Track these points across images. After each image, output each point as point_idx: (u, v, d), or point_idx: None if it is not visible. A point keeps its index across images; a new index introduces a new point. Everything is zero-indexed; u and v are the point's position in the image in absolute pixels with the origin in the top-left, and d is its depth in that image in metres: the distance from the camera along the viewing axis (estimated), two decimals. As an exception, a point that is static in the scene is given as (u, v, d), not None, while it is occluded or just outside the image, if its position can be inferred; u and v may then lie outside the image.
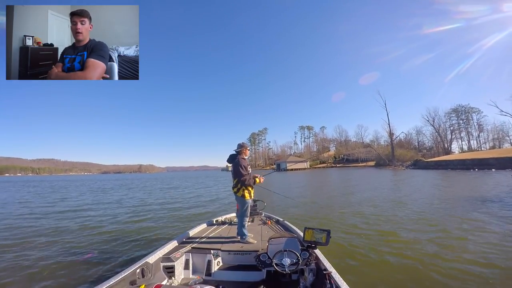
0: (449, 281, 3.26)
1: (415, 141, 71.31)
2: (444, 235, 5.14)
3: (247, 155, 3.82)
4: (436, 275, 3.42)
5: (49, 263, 4.32)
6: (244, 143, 3.83)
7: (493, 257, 3.88)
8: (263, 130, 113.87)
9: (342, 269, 3.21)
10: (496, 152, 34.60)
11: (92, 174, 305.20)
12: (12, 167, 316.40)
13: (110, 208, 10.74)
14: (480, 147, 60.95)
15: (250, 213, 4.88)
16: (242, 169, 3.52)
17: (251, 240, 3.42)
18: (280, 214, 5.67)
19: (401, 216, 6.97)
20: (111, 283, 2.04)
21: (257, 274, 2.79)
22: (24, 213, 9.99)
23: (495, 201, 8.40)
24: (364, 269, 3.72)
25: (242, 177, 3.50)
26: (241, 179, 3.51)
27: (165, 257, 2.85)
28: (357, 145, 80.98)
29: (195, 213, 8.92)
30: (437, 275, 3.42)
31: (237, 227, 3.60)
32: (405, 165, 44.53)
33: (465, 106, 63.66)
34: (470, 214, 6.79)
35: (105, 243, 5.43)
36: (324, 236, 2.63)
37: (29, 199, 15.48)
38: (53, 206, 11.98)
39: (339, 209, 8.42)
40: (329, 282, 2.14)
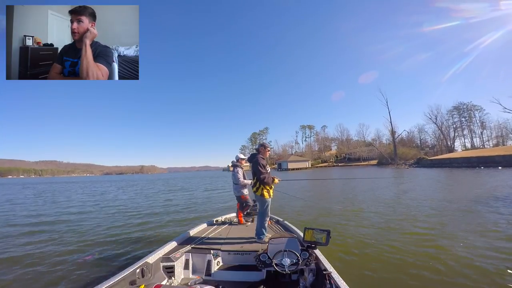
0: (449, 281, 3.23)
1: (417, 139, 70.97)
2: (452, 237, 4.97)
3: (266, 155, 3.82)
4: (437, 275, 3.39)
5: (49, 264, 4.34)
6: (264, 142, 3.88)
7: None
8: (264, 130, 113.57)
9: (342, 269, 3.19)
10: (502, 150, 33.95)
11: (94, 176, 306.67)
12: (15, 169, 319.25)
13: (110, 209, 10.78)
14: (483, 145, 60.37)
15: (250, 213, 4.89)
16: (261, 168, 3.51)
17: (267, 240, 3.36)
18: (281, 214, 5.65)
19: (409, 215, 6.91)
20: (111, 283, 2.03)
21: (257, 274, 2.78)
22: (24, 213, 10.07)
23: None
24: (364, 269, 3.69)
25: (260, 175, 3.48)
26: (260, 177, 3.49)
27: (165, 257, 2.85)
28: (359, 144, 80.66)
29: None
30: (437, 275, 3.39)
31: (256, 226, 3.60)
32: (408, 163, 44.21)
33: (467, 103, 63.22)
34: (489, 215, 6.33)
35: (105, 244, 5.44)
36: (324, 236, 2.62)
37: (29, 199, 15.59)
38: (53, 207, 12.05)
39: (340, 208, 8.38)
40: (329, 283, 2.12)
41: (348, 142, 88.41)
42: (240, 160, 4.88)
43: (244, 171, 4.89)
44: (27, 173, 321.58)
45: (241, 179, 4.64)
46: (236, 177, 4.68)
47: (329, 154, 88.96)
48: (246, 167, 4.97)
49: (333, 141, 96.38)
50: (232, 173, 4.80)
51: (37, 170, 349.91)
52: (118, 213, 9.63)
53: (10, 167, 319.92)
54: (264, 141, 3.79)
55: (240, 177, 4.67)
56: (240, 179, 4.64)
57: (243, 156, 4.89)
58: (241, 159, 4.89)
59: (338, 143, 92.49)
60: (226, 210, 8.37)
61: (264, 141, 3.79)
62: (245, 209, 4.77)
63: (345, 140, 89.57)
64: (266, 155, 3.80)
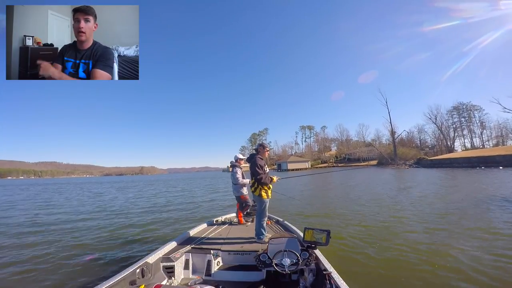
0: (449, 281, 3.22)
1: (416, 140, 70.96)
2: (456, 237, 4.88)
3: (265, 156, 3.80)
4: (437, 275, 3.39)
5: (49, 264, 4.33)
6: (263, 143, 3.88)
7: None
8: (264, 131, 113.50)
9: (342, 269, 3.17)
10: (503, 149, 33.86)
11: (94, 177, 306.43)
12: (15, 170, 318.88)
13: (110, 209, 10.76)
14: (483, 145, 60.36)
15: (250, 213, 4.88)
16: (258, 168, 3.52)
17: (267, 240, 3.37)
18: (281, 213, 5.64)
19: (411, 215, 6.92)
20: (111, 283, 2.03)
21: (257, 274, 2.77)
22: (25, 214, 10.05)
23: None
24: (364, 269, 3.68)
25: (258, 176, 3.50)
26: (257, 178, 3.51)
27: (165, 257, 2.84)
28: (359, 144, 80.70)
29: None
30: (438, 275, 3.38)
31: (255, 227, 3.60)
32: (408, 163, 44.12)
33: (467, 103, 63.24)
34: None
35: (105, 244, 5.43)
36: (324, 236, 2.62)
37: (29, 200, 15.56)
38: (54, 208, 12.03)
39: (341, 210, 8.37)
40: (329, 283, 2.12)
41: (348, 142, 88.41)
42: (239, 160, 4.88)
43: (244, 171, 4.89)
44: (26, 174, 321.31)
45: (239, 179, 4.65)
46: (235, 177, 4.69)
47: (329, 154, 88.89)
48: (245, 167, 4.98)
49: (332, 141, 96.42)
50: (231, 173, 4.81)
51: (36, 171, 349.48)
52: (117, 213, 9.60)
53: (10, 168, 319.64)
54: (264, 141, 3.78)
55: (239, 176, 4.68)
56: (239, 179, 4.65)
57: (242, 156, 4.90)
58: (240, 159, 4.89)
59: (338, 144, 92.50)
60: (226, 210, 8.36)
61: (264, 141, 3.78)
62: (244, 209, 4.77)
63: (344, 141, 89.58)
64: (265, 155, 3.79)
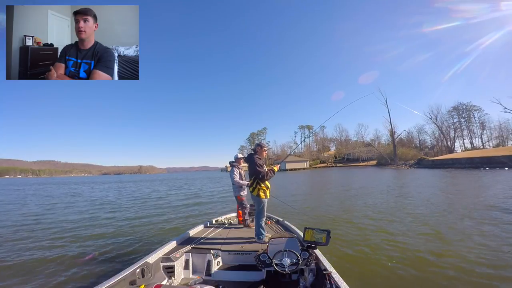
0: (449, 281, 3.24)
1: (416, 140, 71.11)
2: (458, 239, 4.81)
3: (263, 155, 3.76)
4: (438, 275, 3.41)
5: (49, 264, 4.33)
6: (261, 142, 3.80)
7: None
8: (263, 130, 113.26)
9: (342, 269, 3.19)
10: (508, 150, 33.25)
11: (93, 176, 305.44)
12: (12, 169, 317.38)
13: (110, 209, 10.75)
14: (483, 145, 60.36)
15: (249, 214, 4.88)
16: (259, 167, 3.50)
17: (267, 240, 3.36)
18: (280, 214, 5.65)
19: (412, 216, 6.93)
20: (111, 283, 2.03)
21: (257, 274, 2.78)
22: (25, 214, 10.02)
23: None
24: (364, 269, 3.70)
25: (259, 174, 3.46)
26: (260, 176, 3.47)
27: (165, 257, 2.84)
28: (358, 144, 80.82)
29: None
30: (439, 275, 3.41)
31: (254, 227, 3.61)
32: (409, 164, 43.86)
33: (466, 104, 63.29)
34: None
35: (105, 244, 5.43)
36: (324, 236, 2.62)
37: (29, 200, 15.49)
38: (54, 208, 11.98)
39: (341, 210, 8.38)
40: (329, 282, 2.12)
41: (347, 142, 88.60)
42: (238, 160, 4.85)
43: (244, 171, 4.86)
44: (24, 173, 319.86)
45: (236, 180, 4.59)
46: (231, 177, 4.64)
47: (328, 154, 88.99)
48: (245, 167, 4.97)
49: (332, 141, 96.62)
50: (230, 173, 4.78)
51: (34, 170, 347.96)
52: (117, 214, 9.60)
53: (7, 167, 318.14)
54: (262, 141, 3.70)
55: (236, 177, 4.61)
56: (235, 179, 4.59)
57: (241, 155, 4.87)
58: (239, 159, 4.85)
59: (337, 144, 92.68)
60: (226, 210, 8.37)
61: (262, 141, 3.70)
62: (244, 210, 4.76)
63: (344, 141, 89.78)
64: (263, 155, 3.76)
